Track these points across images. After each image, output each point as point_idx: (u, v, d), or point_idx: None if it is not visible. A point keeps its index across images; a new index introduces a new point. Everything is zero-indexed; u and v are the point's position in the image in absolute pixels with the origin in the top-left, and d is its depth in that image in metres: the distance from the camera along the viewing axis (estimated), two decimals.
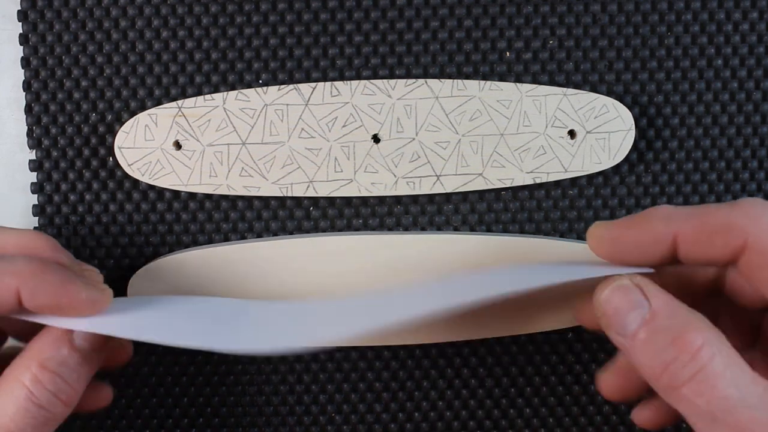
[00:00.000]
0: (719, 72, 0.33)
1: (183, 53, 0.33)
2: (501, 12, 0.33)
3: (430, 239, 0.33)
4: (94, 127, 0.33)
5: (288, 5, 0.33)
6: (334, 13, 0.33)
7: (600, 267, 0.28)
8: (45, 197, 0.33)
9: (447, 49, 0.33)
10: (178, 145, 0.32)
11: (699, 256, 0.26)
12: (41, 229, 0.33)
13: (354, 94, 0.32)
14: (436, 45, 0.33)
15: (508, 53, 0.33)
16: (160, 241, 0.34)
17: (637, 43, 0.33)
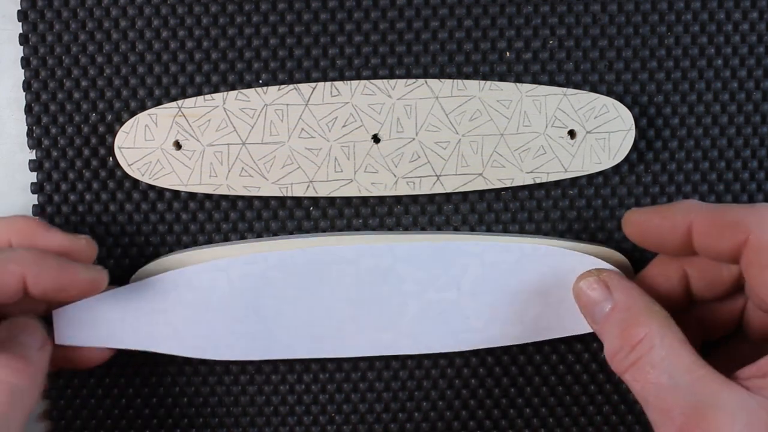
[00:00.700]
0: (719, 72, 0.33)
1: (183, 53, 0.33)
2: (501, 12, 0.33)
3: (430, 239, 0.33)
4: (94, 127, 0.33)
5: (288, 5, 0.33)
6: (334, 13, 0.33)
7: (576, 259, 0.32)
8: (45, 197, 0.33)
9: (447, 49, 0.33)
10: (178, 145, 0.32)
11: (709, 247, 0.28)
12: None
13: (354, 94, 0.32)
14: (436, 45, 0.33)
15: (508, 53, 0.33)
16: (160, 241, 0.34)
17: (637, 43, 0.33)
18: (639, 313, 0.28)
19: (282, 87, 0.32)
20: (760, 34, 0.33)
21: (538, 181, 0.33)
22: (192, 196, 0.33)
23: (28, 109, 0.33)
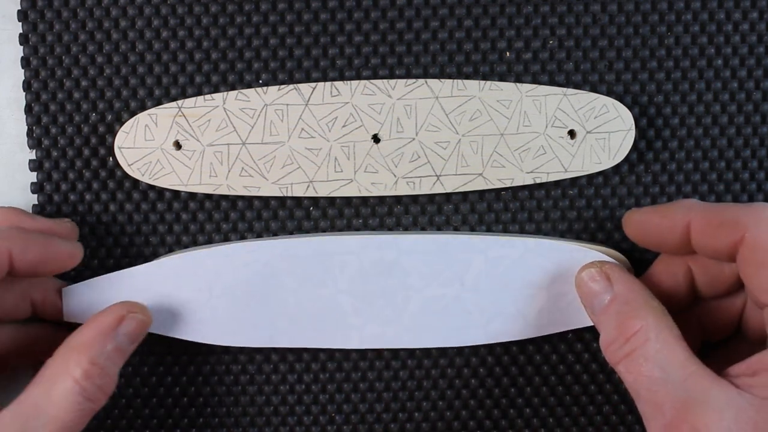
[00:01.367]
0: (719, 72, 0.33)
1: (183, 53, 0.33)
2: (501, 12, 0.33)
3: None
4: (94, 127, 0.33)
5: (288, 5, 0.33)
6: (334, 13, 0.33)
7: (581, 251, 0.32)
8: (45, 197, 0.33)
9: (447, 49, 0.33)
10: (178, 145, 0.32)
11: (706, 246, 0.29)
12: None
13: (354, 94, 0.32)
14: (436, 45, 0.33)
15: (508, 53, 0.33)
16: (160, 241, 0.34)
17: (637, 43, 0.33)
18: (637, 306, 0.29)
19: (282, 87, 0.32)
20: (760, 34, 0.33)
21: (538, 181, 0.33)
22: (192, 196, 0.33)
23: (28, 109, 0.33)
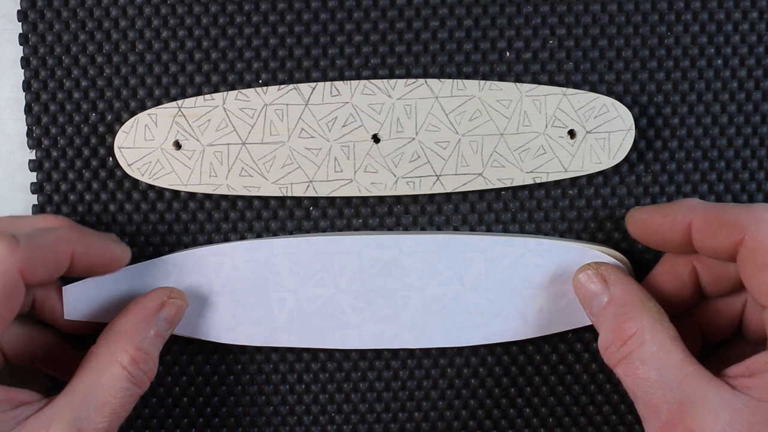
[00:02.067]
0: (719, 72, 0.33)
1: (183, 53, 0.33)
2: (501, 12, 0.33)
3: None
4: (94, 127, 0.33)
5: (288, 5, 0.33)
6: (334, 13, 0.33)
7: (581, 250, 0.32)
8: (45, 197, 0.33)
9: (447, 49, 0.33)
10: (178, 145, 0.32)
11: (707, 246, 0.29)
12: None
13: (354, 94, 0.32)
14: (436, 45, 0.33)
15: (508, 53, 0.33)
16: (160, 241, 0.34)
17: (637, 43, 0.33)
18: (633, 308, 0.29)
19: (282, 87, 0.32)
20: (760, 34, 0.33)
21: (538, 181, 0.33)
22: (192, 196, 0.33)
23: (28, 109, 0.33)
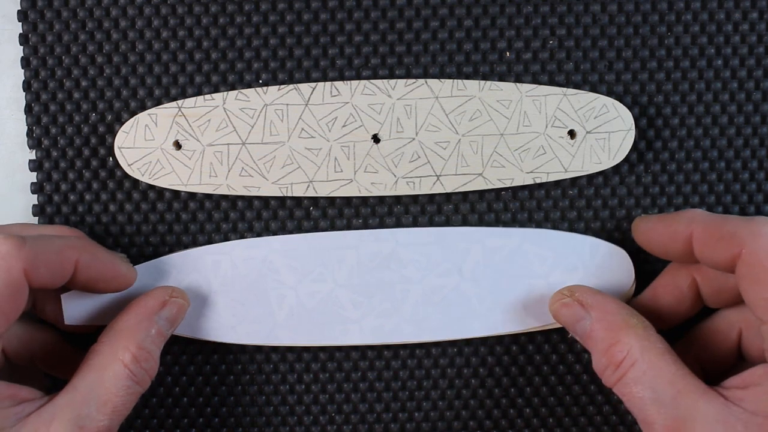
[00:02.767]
0: (719, 72, 0.33)
1: (183, 53, 0.33)
2: (501, 12, 0.33)
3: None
4: (94, 127, 0.33)
5: (288, 5, 0.33)
6: (334, 13, 0.33)
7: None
8: (45, 197, 0.33)
9: (447, 49, 0.33)
10: (178, 145, 0.32)
11: (707, 257, 0.29)
12: None
13: (354, 94, 0.32)
14: (436, 45, 0.33)
15: (508, 53, 0.33)
16: (160, 241, 0.34)
17: (637, 43, 0.33)
18: (618, 330, 0.29)
19: (282, 87, 0.32)
20: (760, 34, 0.33)
21: (538, 181, 0.33)
22: (192, 196, 0.33)
23: (28, 109, 0.33)
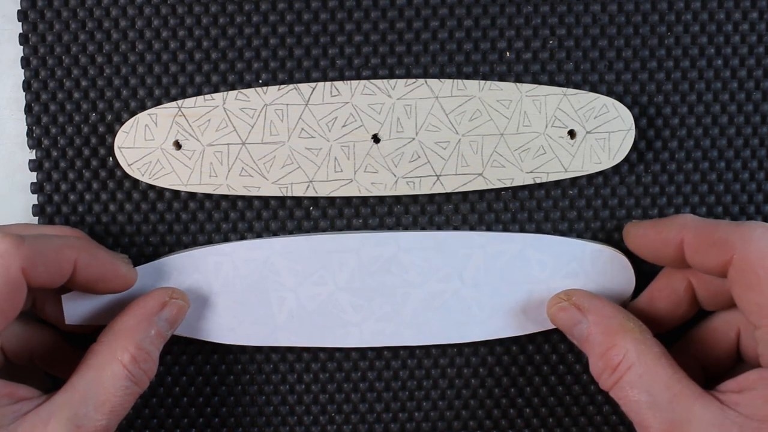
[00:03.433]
0: (719, 72, 0.33)
1: (183, 53, 0.33)
2: (501, 12, 0.33)
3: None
4: (94, 127, 0.33)
5: (288, 5, 0.33)
6: (334, 13, 0.33)
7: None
8: (45, 197, 0.33)
9: (447, 49, 0.33)
10: (178, 145, 0.32)
11: (698, 263, 0.29)
12: None
13: (354, 94, 0.32)
14: (436, 45, 0.33)
15: (508, 53, 0.33)
16: (160, 241, 0.34)
17: (637, 43, 0.33)
18: (614, 333, 0.29)
19: (282, 87, 0.32)
20: (760, 34, 0.33)
21: (538, 181, 0.33)
22: (192, 196, 0.33)
23: (28, 109, 0.33)
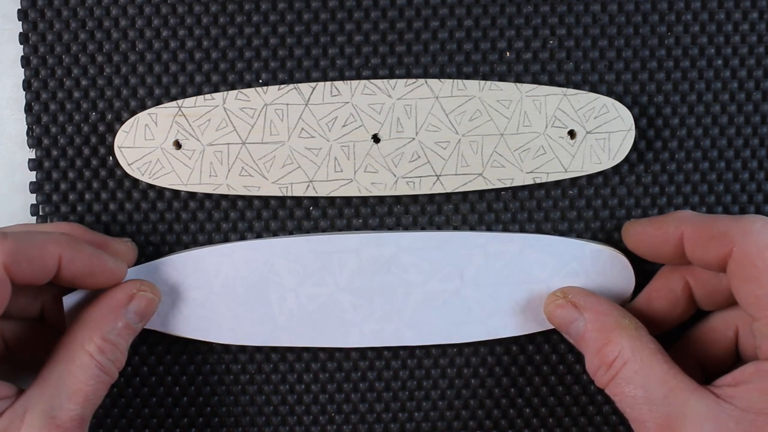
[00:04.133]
0: (719, 72, 0.33)
1: (183, 53, 0.33)
2: (501, 12, 0.33)
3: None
4: (94, 127, 0.33)
5: (288, 5, 0.33)
6: (334, 13, 0.33)
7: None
8: (44, 196, 0.33)
9: (447, 49, 0.33)
10: (178, 145, 0.32)
11: (699, 257, 0.29)
12: None
13: (354, 93, 0.32)
14: (436, 45, 0.33)
15: (508, 53, 0.33)
16: (160, 241, 0.34)
17: (637, 43, 0.33)
18: (610, 330, 0.30)
19: (282, 87, 0.32)
20: (760, 34, 0.33)
21: (538, 181, 0.33)
22: (192, 195, 0.33)
23: (28, 109, 0.33)
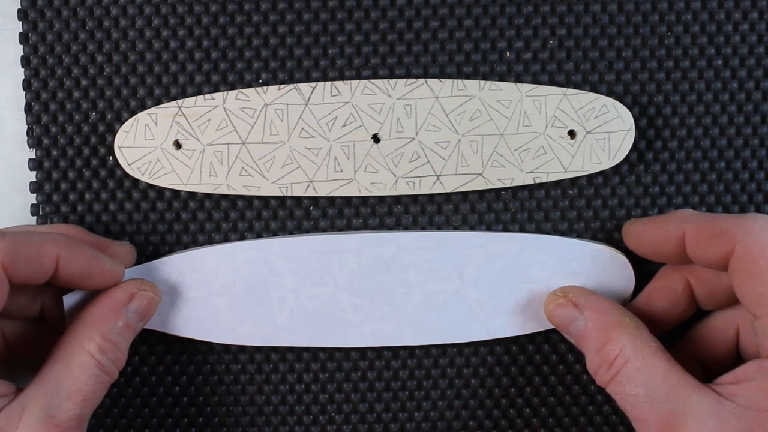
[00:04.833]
0: (719, 72, 0.33)
1: (183, 53, 0.33)
2: (501, 12, 0.33)
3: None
4: (94, 127, 0.33)
5: (288, 5, 0.33)
6: (334, 13, 0.33)
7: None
8: (44, 196, 0.33)
9: (447, 49, 0.33)
10: (178, 145, 0.32)
11: (700, 256, 0.29)
12: None
13: (354, 93, 0.32)
14: (436, 45, 0.33)
15: (508, 53, 0.33)
16: (160, 241, 0.34)
17: (637, 43, 0.33)
18: (611, 329, 0.30)
19: (282, 86, 0.32)
20: (760, 34, 0.33)
21: (538, 181, 0.33)
22: (192, 195, 0.33)
23: (28, 108, 0.33)
